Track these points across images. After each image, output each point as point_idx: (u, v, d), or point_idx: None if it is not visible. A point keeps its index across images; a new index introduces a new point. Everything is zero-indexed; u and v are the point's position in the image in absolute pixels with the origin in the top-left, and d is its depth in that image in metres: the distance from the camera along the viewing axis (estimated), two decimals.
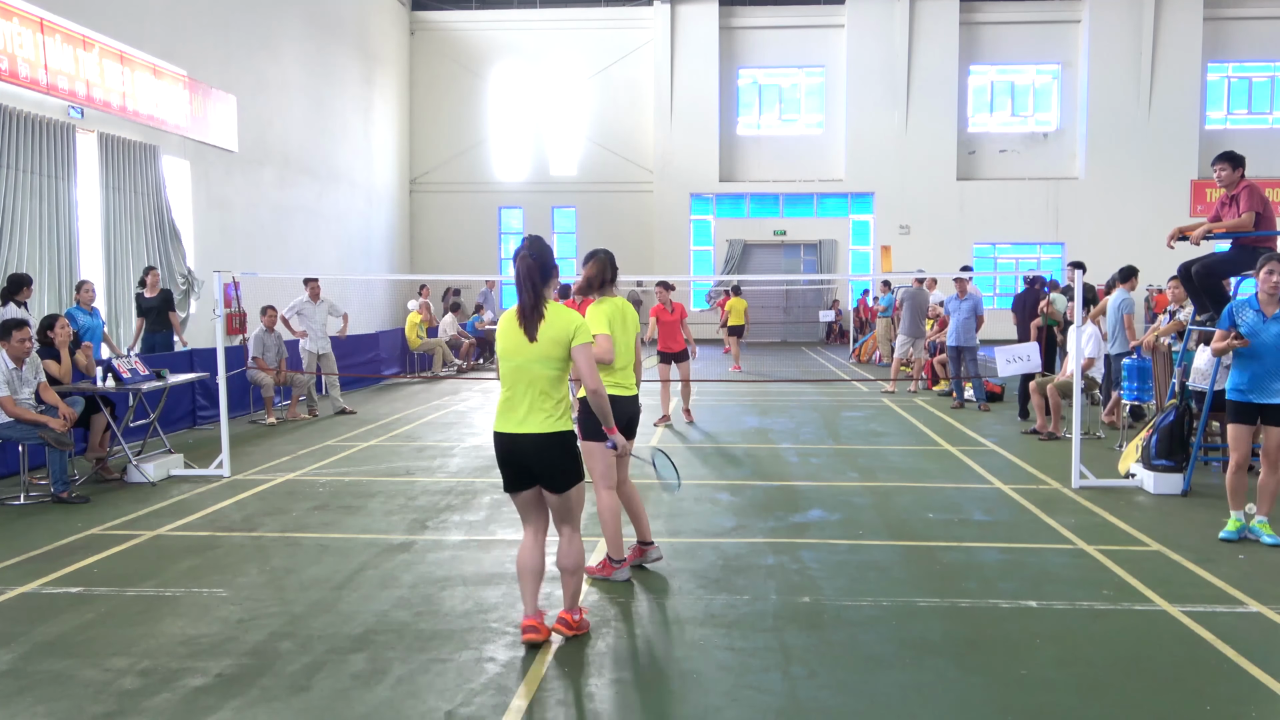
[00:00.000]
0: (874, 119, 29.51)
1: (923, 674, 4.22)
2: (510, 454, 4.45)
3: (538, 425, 4.37)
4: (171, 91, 15.45)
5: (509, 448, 4.44)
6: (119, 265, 14.56)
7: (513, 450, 4.43)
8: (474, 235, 30.93)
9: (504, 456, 4.48)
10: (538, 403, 4.39)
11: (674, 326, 11.89)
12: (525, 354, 4.37)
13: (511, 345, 4.41)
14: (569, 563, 4.60)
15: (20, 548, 6.30)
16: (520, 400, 4.41)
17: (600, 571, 5.58)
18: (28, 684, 4.15)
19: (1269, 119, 29.64)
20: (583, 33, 30.40)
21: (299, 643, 4.59)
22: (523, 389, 4.40)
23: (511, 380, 4.43)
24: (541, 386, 4.39)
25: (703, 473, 8.84)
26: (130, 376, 8.82)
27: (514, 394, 4.42)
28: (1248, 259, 7.60)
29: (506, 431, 4.43)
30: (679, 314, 11.94)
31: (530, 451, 4.39)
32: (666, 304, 11.99)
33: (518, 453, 4.42)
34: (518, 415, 4.40)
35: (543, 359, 4.35)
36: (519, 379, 4.41)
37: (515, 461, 4.45)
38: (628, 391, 5.60)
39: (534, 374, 4.38)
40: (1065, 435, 10.06)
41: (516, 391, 4.41)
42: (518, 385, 4.41)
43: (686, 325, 12.02)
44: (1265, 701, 3.95)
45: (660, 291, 12.20)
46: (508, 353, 4.43)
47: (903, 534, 6.60)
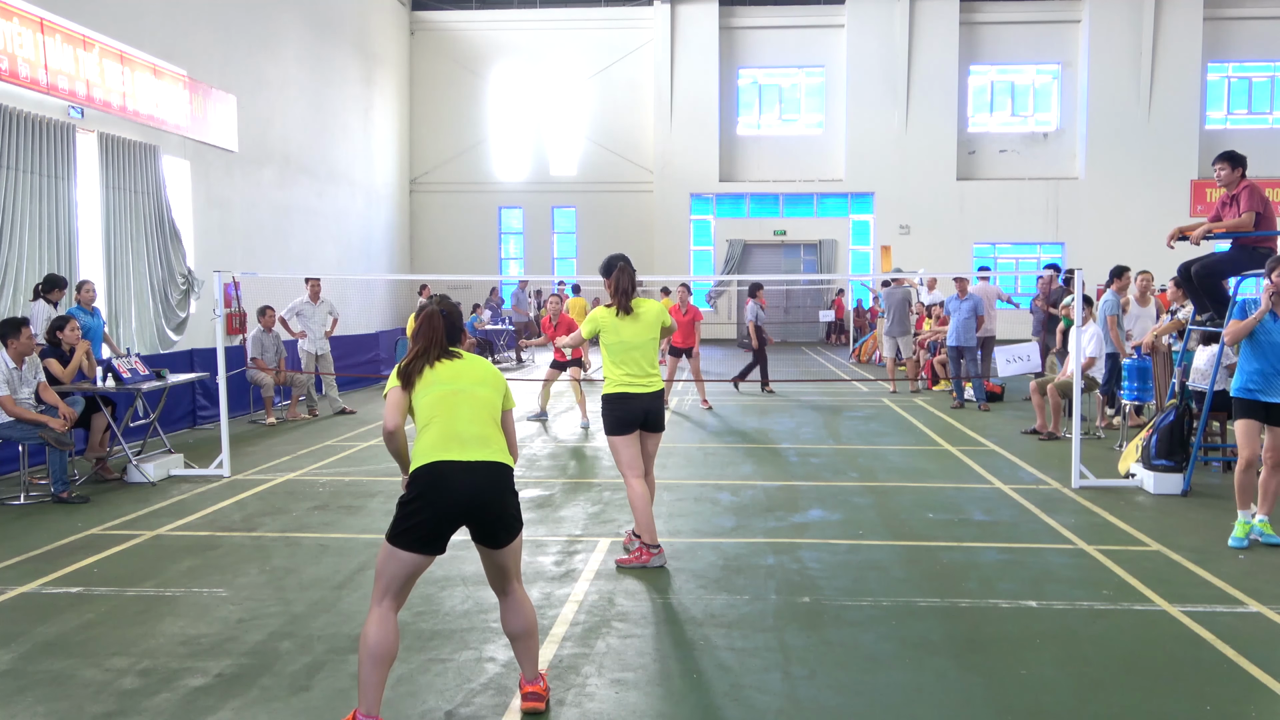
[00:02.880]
0: (874, 119, 29.51)
1: (923, 674, 4.22)
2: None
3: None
4: (171, 91, 15.44)
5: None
6: (119, 265, 14.56)
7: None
8: (474, 235, 30.94)
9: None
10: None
11: (685, 326, 13.09)
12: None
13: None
14: (525, 624, 3.82)
15: (20, 548, 6.30)
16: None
17: (634, 559, 5.71)
18: (28, 684, 4.15)
19: (1269, 119, 29.64)
20: (583, 33, 30.41)
21: (299, 643, 4.59)
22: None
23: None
24: None
25: (703, 473, 8.84)
26: (130, 376, 8.82)
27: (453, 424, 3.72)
28: (1248, 259, 7.60)
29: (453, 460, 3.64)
30: (691, 315, 13.24)
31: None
32: (682, 305, 13.41)
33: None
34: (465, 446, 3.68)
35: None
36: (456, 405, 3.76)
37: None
38: (644, 388, 5.66)
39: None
40: (1065, 435, 10.06)
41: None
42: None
43: (699, 327, 13.35)
44: (1265, 701, 3.95)
45: (681, 292, 13.79)
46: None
47: (903, 534, 6.60)
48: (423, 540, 3.58)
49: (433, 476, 3.58)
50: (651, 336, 5.74)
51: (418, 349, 3.83)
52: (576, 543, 6.37)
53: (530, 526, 6.81)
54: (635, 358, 5.67)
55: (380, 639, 3.53)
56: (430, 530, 3.59)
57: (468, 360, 3.86)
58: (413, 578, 3.66)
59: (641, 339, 5.69)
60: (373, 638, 3.53)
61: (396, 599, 3.63)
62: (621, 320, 5.70)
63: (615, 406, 5.66)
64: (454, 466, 3.59)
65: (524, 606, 3.83)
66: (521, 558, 3.84)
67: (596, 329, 5.75)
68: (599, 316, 5.75)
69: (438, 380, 3.75)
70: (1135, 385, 9.28)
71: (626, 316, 5.70)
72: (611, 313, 5.72)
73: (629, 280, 5.71)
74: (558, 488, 8.08)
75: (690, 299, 13.64)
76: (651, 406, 5.71)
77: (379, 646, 3.52)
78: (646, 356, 5.70)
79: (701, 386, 13.53)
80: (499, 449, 3.73)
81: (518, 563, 3.80)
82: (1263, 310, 6.21)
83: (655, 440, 5.84)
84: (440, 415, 3.68)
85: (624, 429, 5.66)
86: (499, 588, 3.84)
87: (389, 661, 3.57)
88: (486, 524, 3.65)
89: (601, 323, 5.72)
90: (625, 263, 5.76)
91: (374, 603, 3.61)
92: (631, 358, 5.67)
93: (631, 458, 5.66)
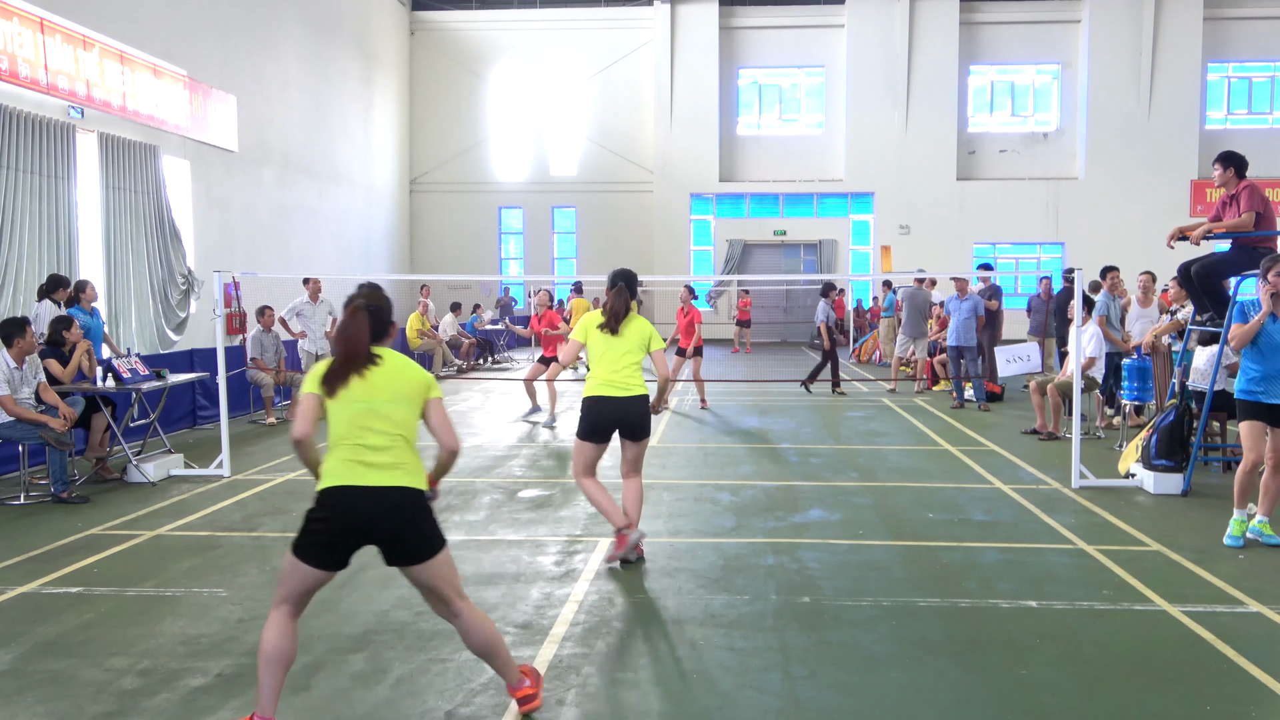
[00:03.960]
0: (874, 119, 29.51)
1: (923, 674, 4.22)
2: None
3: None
4: (171, 91, 15.45)
5: None
6: (119, 265, 14.56)
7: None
8: (474, 235, 30.95)
9: None
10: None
11: (685, 327, 13.51)
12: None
13: None
14: (483, 642, 3.70)
15: (20, 548, 6.30)
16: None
17: (618, 549, 5.75)
18: (28, 684, 4.15)
19: (1269, 119, 29.65)
20: (583, 33, 30.41)
21: (299, 643, 4.58)
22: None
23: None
24: None
25: (703, 473, 8.84)
26: (130, 376, 8.82)
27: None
28: (1247, 259, 7.59)
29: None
30: (690, 317, 13.49)
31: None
32: (685, 306, 13.72)
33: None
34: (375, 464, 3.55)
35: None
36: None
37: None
38: (620, 393, 5.66)
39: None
40: (1065, 435, 10.06)
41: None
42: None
43: (698, 328, 13.49)
44: (1265, 701, 3.95)
45: (684, 294, 14.06)
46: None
47: (903, 534, 6.60)
48: (322, 558, 3.54)
49: (337, 499, 3.51)
50: (631, 350, 5.75)
51: (342, 356, 3.59)
52: (576, 543, 6.37)
53: (530, 526, 6.82)
54: (615, 365, 5.71)
55: (275, 642, 3.52)
56: (329, 550, 3.54)
57: (387, 368, 3.61)
58: (312, 590, 3.62)
59: (621, 350, 5.73)
60: (267, 641, 3.52)
61: (296, 606, 3.60)
62: (606, 335, 5.78)
63: (588, 410, 5.73)
64: (359, 492, 3.50)
65: (476, 624, 3.68)
66: (455, 576, 3.65)
67: (584, 333, 5.82)
68: (589, 323, 5.82)
69: (354, 398, 3.56)
70: (1135, 385, 9.28)
71: (612, 335, 5.76)
72: (599, 323, 5.79)
73: (623, 304, 5.77)
74: (557, 488, 8.08)
75: (693, 300, 13.87)
76: (628, 413, 5.70)
77: (273, 649, 3.51)
78: (627, 366, 5.72)
79: (701, 387, 13.66)
80: (409, 471, 3.57)
81: (449, 582, 3.63)
82: (1264, 313, 6.19)
83: (636, 447, 5.82)
84: (350, 436, 3.55)
85: (592, 435, 5.73)
86: (441, 611, 3.68)
87: (283, 664, 3.55)
88: (391, 547, 3.56)
89: (589, 330, 5.81)
90: (625, 284, 5.78)
91: (274, 606, 3.59)
92: (610, 364, 5.71)
93: (586, 463, 5.75)
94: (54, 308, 9.73)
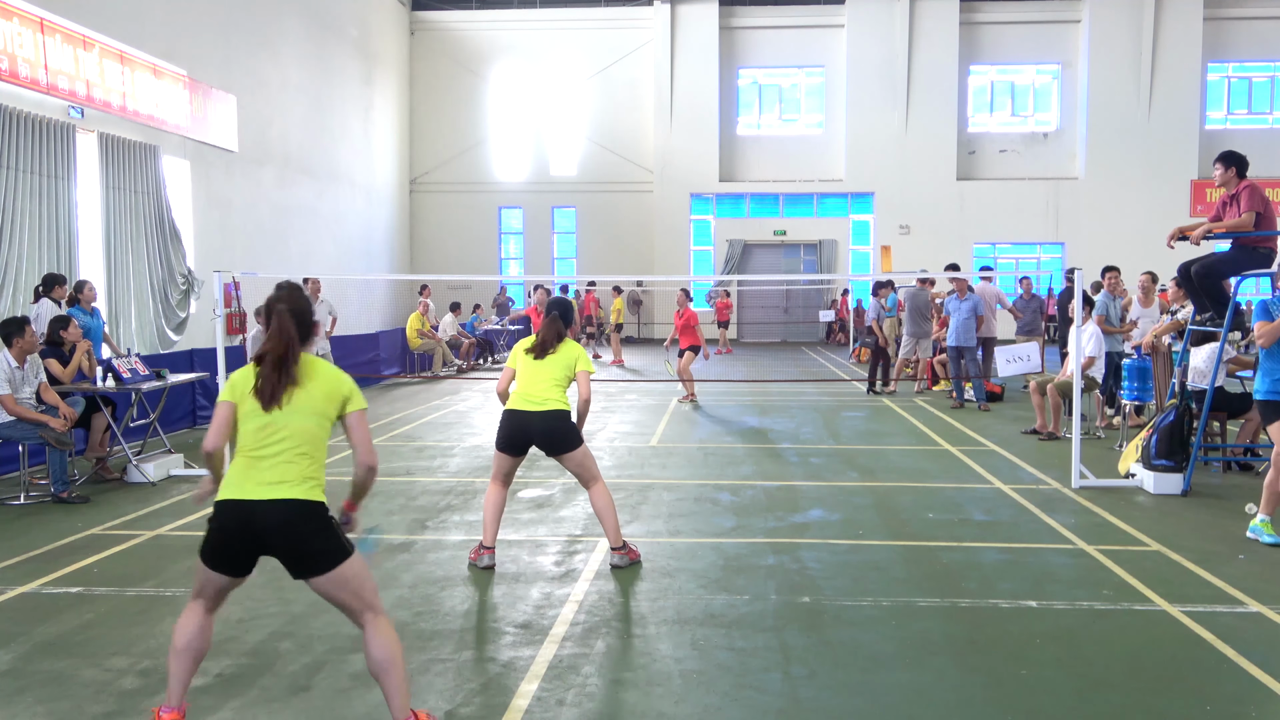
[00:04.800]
0: (874, 119, 29.51)
1: (923, 674, 4.22)
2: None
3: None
4: (171, 91, 15.45)
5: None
6: (119, 265, 14.56)
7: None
8: (474, 235, 30.94)
9: None
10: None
11: (681, 329, 13.89)
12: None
13: None
14: (380, 658, 3.48)
15: (20, 548, 6.30)
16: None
17: (473, 555, 5.85)
18: (28, 684, 4.15)
19: (1269, 119, 29.65)
20: (583, 33, 30.41)
21: (299, 643, 4.59)
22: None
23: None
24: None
25: (703, 473, 8.84)
26: (130, 376, 8.82)
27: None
28: (1248, 259, 7.60)
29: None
30: (687, 318, 13.83)
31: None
32: (680, 309, 14.02)
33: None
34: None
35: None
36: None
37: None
38: (534, 407, 5.71)
39: None
40: (1065, 435, 10.06)
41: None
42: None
43: (696, 329, 13.90)
44: (1265, 701, 3.95)
45: (680, 296, 14.30)
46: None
47: (903, 534, 6.60)
48: (223, 565, 3.52)
49: (228, 512, 3.46)
50: (554, 372, 5.80)
51: (272, 363, 3.51)
52: (576, 543, 6.37)
53: (530, 526, 6.82)
54: (533, 380, 5.76)
55: (187, 635, 3.54)
56: (229, 559, 3.51)
57: (304, 376, 3.55)
58: (225, 590, 3.59)
59: (546, 373, 5.80)
60: (180, 633, 3.55)
61: (211, 601, 3.59)
62: (531, 359, 5.85)
63: (502, 422, 5.85)
64: (250, 505, 3.43)
65: (378, 638, 3.49)
66: (364, 588, 3.50)
67: (515, 359, 5.94)
68: (518, 349, 5.96)
69: (260, 408, 3.51)
70: (1135, 385, 9.28)
71: (536, 360, 5.83)
72: (527, 348, 5.89)
73: (554, 333, 5.88)
74: (557, 488, 8.08)
75: (689, 303, 14.12)
76: (540, 428, 5.71)
77: (181, 640, 3.54)
78: (546, 383, 5.76)
79: (690, 385, 13.85)
80: (309, 485, 3.50)
81: (357, 595, 3.49)
82: None
83: (571, 460, 5.78)
84: (250, 446, 3.50)
85: (504, 445, 5.81)
86: (350, 618, 3.58)
87: (193, 656, 3.56)
88: (286, 559, 3.49)
89: (518, 355, 5.93)
90: (559, 314, 5.92)
91: (190, 599, 3.60)
92: (529, 379, 5.78)
93: (499, 470, 5.88)
94: (54, 307, 9.73)
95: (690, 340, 13.87)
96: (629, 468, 9.02)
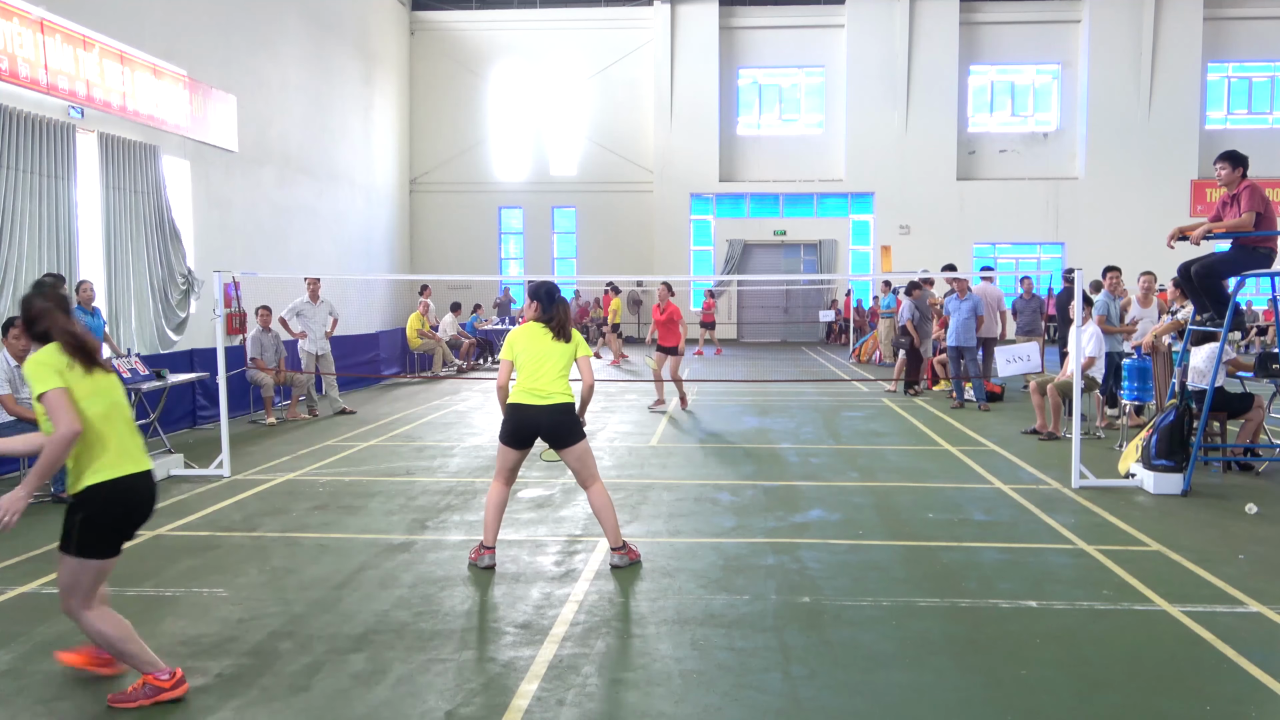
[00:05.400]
0: (874, 119, 29.52)
1: (923, 674, 4.22)
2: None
3: None
4: (171, 91, 15.45)
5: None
6: (119, 265, 14.57)
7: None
8: (474, 235, 30.95)
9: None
10: None
11: (664, 325, 13.00)
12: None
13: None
14: (112, 635, 3.89)
15: (20, 548, 6.30)
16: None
17: (474, 555, 5.83)
18: (28, 684, 4.15)
19: (1269, 119, 29.66)
20: (583, 33, 30.42)
21: (299, 643, 4.59)
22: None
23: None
24: None
25: (703, 473, 8.84)
26: (130, 376, 8.82)
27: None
28: (1248, 259, 7.60)
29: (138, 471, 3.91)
30: (669, 314, 13.03)
31: None
32: (660, 304, 13.22)
33: None
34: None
35: None
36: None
37: None
38: (540, 400, 5.67)
39: None
40: (1065, 435, 10.06)
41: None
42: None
43: (680, 325, 12.95)
44: (1265, 701, 3.95)
45: (661, 290, 13.44)
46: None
47: (903, 534, 6.60)
48: (118, 547, 3.87)
49: (131, 490, 3.84)
50: (562, 360, 5.76)
51: (74, 349, 3.75)
52: (576, 543, 6.37)
53: (530, 526, 6.82)
54: (538, 373, 5.69)
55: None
56: (124, 538, 3.89)
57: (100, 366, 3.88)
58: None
59: (549, 360, 5.72)
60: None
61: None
62: (544, 340, 5.75)
63: (508, 416, 5.77)
64: (146, 477, 3.93)
65: (102, 624, 3.86)
66: (76, 580, 3.81)
67: (512, 350, 5.81)
68: (517, 339, 5.80)
69: (99, 390, 3.81)
70: (1135, 385, 9.28)
71: (553, 339, 5.76)
72: (534, 331, 5.77)
73: (568, 314, 5.88)
74: (557, 488, 8.08)
75: (671, 298, 13.32)
76: (547, 422, 5.69)
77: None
78: (550, 374, 5.71)
79: (681, 387, 13.07)
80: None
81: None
82: None
83: (572, 454, 5.75)
84: (115, 427, 3.83)
85: (510, 440, 5.75)
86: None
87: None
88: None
89: (516, 339, 5.81)
90: (561, 297, 5.88)
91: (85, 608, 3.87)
92: (535, 371, 5.69)
93: (504, 466, 5.83)
94: None
95: (672, 339, 12.88)
96: (629, 468, 9.02)
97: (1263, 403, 8.64)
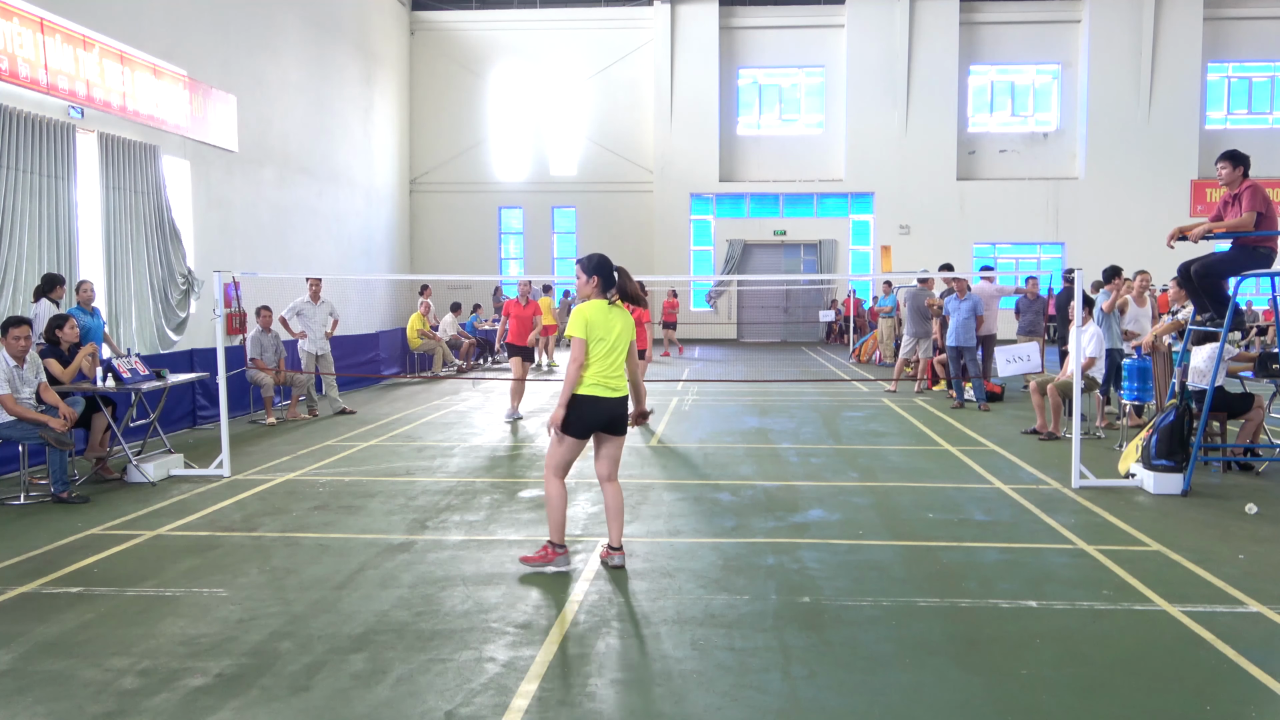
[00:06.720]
0: (874, 119, 29.52)
1: (923, 674, 4.22)
2: None
3: None
4: (171, 91, 15.45)
5: None
6: (119, 265, 14.56)
7: None
8: (474, 235, 30.95)
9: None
10: None
11: (520, 321, 12.79)
12: None
13: None
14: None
15: (20, 548, 6.30)
16: None
17: (537, 559, 5.70)
18: (28, 684, 4.15)
19: (1269, 119, 29.66)
20: (583, 33, 30.42)
21: (299, 643, 4.59)
22: None
23: None
24: None
25: (703, 473, 8.84)
26: (130, 376, 8.82)
27: None
28: (1248, 259, 7.60)
29: None
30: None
31: None
32: (522, 300, 13.10)
33: None
34: None
35: None
36: None
37: None
38: (611, 393, 5.59)
39: None
40: (1065, 435, 10.06)
41: None
42: None
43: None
44: (1265, 701, 3.95)
45: (522, 286, 13.52)
46: None
47: (903, 534, 6.60)
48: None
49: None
50: (626, 348, 5.68)
51: None
52: (576, 543, 6.36)
53: (530, 526, 6.82)
54: (611, 364, 5.60)
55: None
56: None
57: None
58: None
59: (617, 350, 5.61)
60: None
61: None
62: (616, 324, 5.60)
63: (582, 409, 5.54)
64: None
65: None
66: None
67: (588, 327, 5.54)
68: (589, 316, 5.54)
69: None
70: (1135, 385, 9.28)
71: (622, 323, 5.65)
72: (606, 312, 5.59)
73: (632, 281, 5.75)
74: None
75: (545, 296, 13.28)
76: (618, 414, 5.66)
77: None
78: (618, 366, 5.64)
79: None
80: None
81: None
82: None
83: (619, 444, 5.73)
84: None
85: (581, 433, 5.57)
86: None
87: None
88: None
89: (592, 320, 5.56)
90: (613, 268, 5.71)
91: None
92: (608, 359, 5.58)
93: (567, 460, 5.63)
94: (52, 307, 9.73)
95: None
96: (629, 468, 9.02)
97: (1263, 403, 8.64)
